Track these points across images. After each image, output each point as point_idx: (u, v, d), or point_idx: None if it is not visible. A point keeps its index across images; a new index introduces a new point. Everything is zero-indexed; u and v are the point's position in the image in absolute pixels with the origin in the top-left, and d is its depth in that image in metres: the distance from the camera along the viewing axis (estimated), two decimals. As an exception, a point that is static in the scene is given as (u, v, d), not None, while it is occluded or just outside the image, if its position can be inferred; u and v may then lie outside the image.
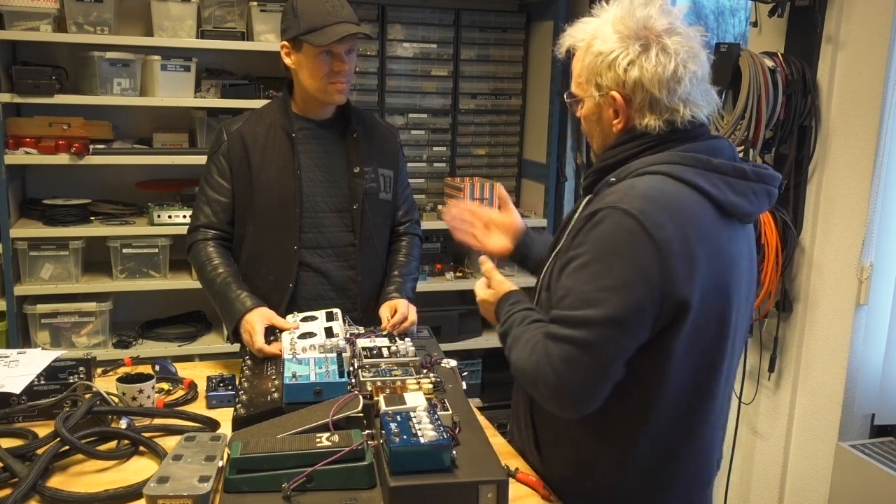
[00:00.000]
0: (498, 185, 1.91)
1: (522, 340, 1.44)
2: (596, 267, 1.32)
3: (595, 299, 1.31)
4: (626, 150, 1.44)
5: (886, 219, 2.40)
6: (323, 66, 2.07)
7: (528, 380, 1.41)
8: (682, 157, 1.39)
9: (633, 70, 1.38)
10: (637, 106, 1.41)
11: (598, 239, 1.33)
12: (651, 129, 1.41)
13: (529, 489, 1.57)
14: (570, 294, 1.35)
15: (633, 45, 1.39)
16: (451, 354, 1.98)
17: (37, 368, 1.83)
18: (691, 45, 1.41)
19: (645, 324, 1.32)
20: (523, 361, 1.42)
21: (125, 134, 3.35)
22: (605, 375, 1.34)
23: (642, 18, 1.40)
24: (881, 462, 2.31)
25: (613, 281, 1.31)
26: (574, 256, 1.37)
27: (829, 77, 2.47)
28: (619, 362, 1.34)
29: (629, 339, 1.33)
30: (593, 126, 1.50)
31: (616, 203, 1.33)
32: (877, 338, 2.46)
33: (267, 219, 2.16)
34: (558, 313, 1.36)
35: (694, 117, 1.41)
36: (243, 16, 3.23)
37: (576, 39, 1.49)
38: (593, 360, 1.32)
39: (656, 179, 1.36)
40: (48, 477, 1.50)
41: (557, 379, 1.33)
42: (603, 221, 1.33)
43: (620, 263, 1.31)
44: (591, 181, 1.51)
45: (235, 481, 1.38)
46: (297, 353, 1.79)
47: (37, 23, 2.96)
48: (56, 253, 3.11)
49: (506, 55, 3.79)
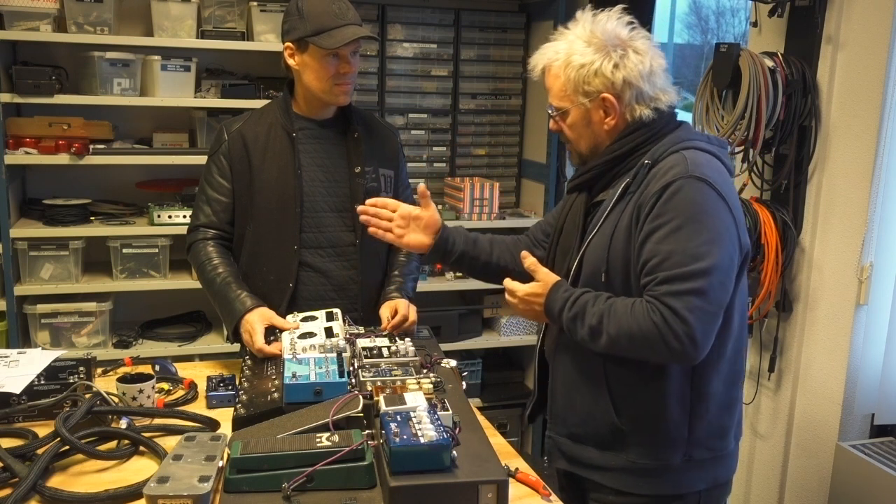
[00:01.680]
0: (420, 185, 1.97)
1: (619, 312, 1.55)
2: (692, 226, 1.52)
3: (701, 253, 1.50)
4: (634, 138, 1.65)
5: (886, 219, 2.40)
6: (329, 67, 2.07)
7: (648, 342, 1.52)
8: (694, 133, 1.67)
9: (619, 72, 1.62)
10: (627, 101, 1.64)
11: (683, 203, 1.53)
12: (645, 117, 1.65)
13: (529, 489, 1.57)
14: (672, 255, 1.51)
15: (612, 52, 1.62)
16: (451, 354, 1.98)
17: (37, 368, 1.83)
18: (651, 44, 1.67)
19: (735, 267, 1.57)
20: (635, 328, 1.52)
21: (125, 134, 3.35)
22: (719, 318, 1.55)
23: (611, 30, 1.64)
24: (881, 462, 2.31)
25: (710, 235, 1.52)
26: (662, 224, 1.53)
27: (829, 77, 2.47)
28: (725, 305, 1.55)
29: (730, 282, 1.55)
30: (582, 131, 1.69)
31: (687, 173, 1.54)
32: (877, 338, 2.46)
33: (267, 218, 2.16)
34: (669, 273, 1.51)
35: (670, 103, 1.68)
36: (243, 16, 3.23)
37: (550, 59, 1.68)
38: (711, 304, 1.51)
39: (693, 153, 1.59)
40: (48, 477, 1.50)
41: (688, 329, 1.48)
42: (682, 189, 1.53)
43: (711, 220, 1.53)
44: (595, 174, 1.71)
45: (235, 481, 1.38)
46: (297, 353, 1.79)
47: (37, 23, 2.96)
48: (56, 253, 3.11)
49: (506, 55, 3.79)
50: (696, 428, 1.65)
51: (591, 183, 1.73)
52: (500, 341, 3.79)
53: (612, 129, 1.67)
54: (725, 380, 1.67)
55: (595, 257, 1.64)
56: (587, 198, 1.74)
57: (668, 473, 1.66)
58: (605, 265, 1.62)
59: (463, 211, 3.55)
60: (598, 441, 1.69)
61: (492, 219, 3.59)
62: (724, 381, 1.66)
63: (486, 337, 3.77)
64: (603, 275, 1.62)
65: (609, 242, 1.62)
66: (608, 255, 1.62)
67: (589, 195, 1.74)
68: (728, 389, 1.68)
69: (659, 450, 1.65)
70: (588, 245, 1.67)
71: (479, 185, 3.55)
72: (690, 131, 1.68)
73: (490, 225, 3.60)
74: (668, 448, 1.65)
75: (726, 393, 1.68)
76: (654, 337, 1.51)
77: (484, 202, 3.56)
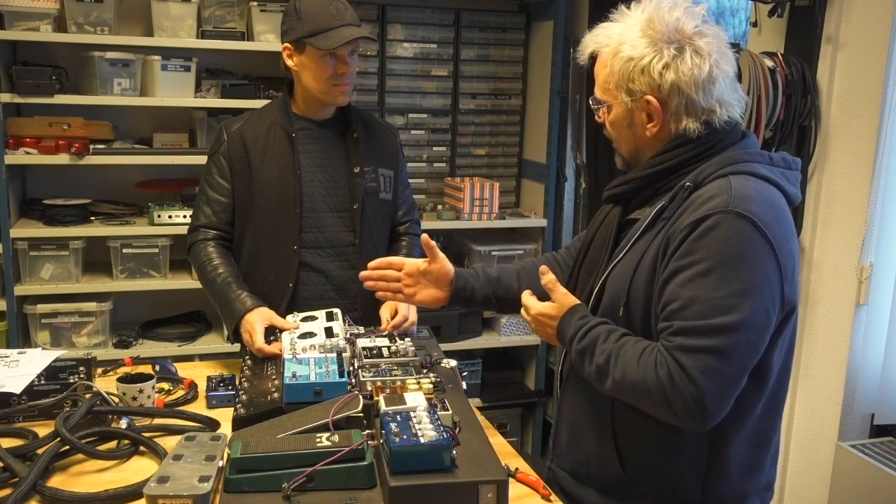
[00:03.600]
0: (423, 235, 1.81)
1: (628, 356, 1.37)
2: (722, 273, 1.30)
3: (727, 305, 1.29)
4: (679, 154, 1.43)
5: (886, 219, 2.40)
6: (327, 68, 2.07)
7: (651, 399, 1.34)
8: (750, 154, 1.41)
9: (668, 73, 1.38)
10: (673, 109, 1.41)
11: (717, 244, 1.31)
12: (690, 132, 1.41)
13: (529, 489, 1.57)
14: (695, 303, 1.31)
15: (666, 49, 1.38)
16: (451, 354, 1.98)
17: (37, 368, 1.83)
18: (721, 45, 1.42)
19: (772, 325, 1.34)
20: (639, 380, 1.34)
21: (125, 134, 3.35)
22: (740, 382, 1.33)
23: (672, 21, 1.39)
24: (881, 462, 2.31)
25: (743, 286, 1.29)
26: (688, 264, 1.33)
27: (829, 77, 2.48)
28: (750, 367, 1.34)
29: (762, 342, 1.33)
30: (623, 131, 1.48)
31: (726, 207, 1.31)
32: (877, 338, 2.47)
33: (267, 219, 2.16)
34: (687, 324, 1.31)
35: (730, 117, 1.42)
36: (243, 16, 3.23)
37: (600, 44, 1.46)
38: (732, 367, 1.31)
39: (744, 179, 1.36)
40: (48, 477, 1.50)
41: (697, 392, 1.29)
42: (717, 227, 1.31)
43: (746, 268, 1.30)
44: (633, 188, 1.49)
45: (235, 481, 1.38)
46: (297, 353, 1.79)
47: (37, 23, 2.96)
48: (56, 253, 3.11)
49: (506, 55, 3.79)
50: (710, 491, 1.45)
51: (629, 197, 1.52)
52: (500, 341, 3.79)
53: (655, 137, 1.44)
54: (752, 442, 1.45)
55: (616, 287, 1.45)
56: (622, 213, 1.53)
57: None
58: (626, 298, 1.43)
59: (463, 211, 3.55)
60: (601, 485, 1.53)
61: (492, 219, 3.59)
62: (750, 444, 1.45)
63: (486, 337, 3.77)
64: (622, 308, 1.44)
65: (633, 273, 1.42)
66: (629, 288, 1.42)
67: (625, 210, 1.53)
68: (754, 453, 1.47)
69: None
70: (611, 271, 1.47)
71: (479, 185, 3.55)
72: (749, 150, 1.42)
73: (490, 225, 3.60)
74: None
75: (752, 456, 1.46)
76: (657, 395, 1.32)
77: (484, 202, 3.56)
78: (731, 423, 1.40)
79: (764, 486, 1.52)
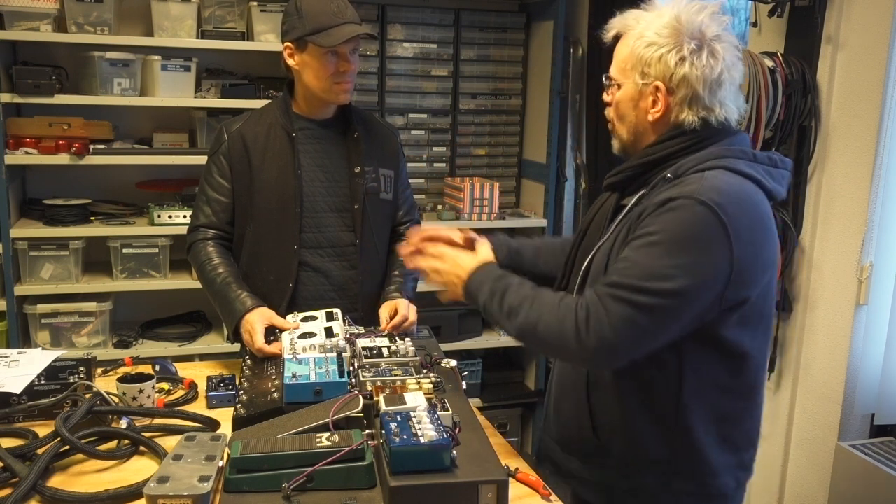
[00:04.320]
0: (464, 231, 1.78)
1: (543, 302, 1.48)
2: (668, 247, 1.39)
3: (664, 274, 1.38)
4: (671, 146, 1.51)
5: (886, 219, 2.40)
6: (329, 66, 2.07)
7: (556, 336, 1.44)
8: (731, 150, 1.49)
9: (682, 66, 1.47)
10: (678, 99, 1.50)
11: (673, 223, 1.40)
12: (687, 124, 1.50)
13: (529, 489, 1.57)
14: (635, 266, 1.41)
15: (687, 44, 1.48)
16: (451, 354, 1.98)
17: (37, 368, 1.83)
18: (735, 54, 1.52)
19: (703, 308, 1.41)
20: (551, 319, 1.45)
21: (125, 134, 3.35)
22: (656, 341, 1.43)
23: (697, 21, 1.49)
24: (881, 462, 2.31)
25: (684, 261, 1.38)
26: (642, 234, 1.42)
27: (829, 77, 2.48)
28: (671, 333, 1.42)
29: (687, 314, 1.41)
30: (627, 110, 1.56)
31: (693, 194, 1.40)
32: (877, 338, 2.47)
33: (267, 218, 2.16)
34: (620, 279, 1.41)
35: (726, 119, 1.51)
36: (243, 16, 3.23)
37: (627, 26, 1.55)
38: (652, 325, 1.40)
39: (720, 174, 1.44)
40: (48, 477, 1.50)
41: (612, 334, 1.39)
42: (679, 209, 1.40)
43: (694, 248, 1.39)
44: (628, 175, 1.58)
45: (235, 481, 1.38)
46: (297, 353, 1.79)
47: (37, 23, 2.95)
48: (56, 253, 3.11)
49: (506, 55, 3.79)
50: (678, 459, 1.52)
51: (624, 185, 1.61)
52: (500, 341, 3.79)
53: (655, 124, 1.53)
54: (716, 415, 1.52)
55: (598, 263, 1.55)
56: (617, 199, 1.63)
57: (646, 497, 1.55)
58: (605, 272, 1.51)
59: (463, 211, 3.55)
60: (582, 451, 1.61)
61: (492, 219, 3.59)
62: (714, 417, 1.52)
63: (486, 337, 3.77)
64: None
65: (610, 250, 1.52)
66: (607, 263, 1.52)
67: (620, 197, 1.63)
68: (720, 427, 1.53)
69: (636, 469, 1.54)
70: (597, 251, 1.57)
71: (479, 185, 3.55)
72: (734, 147, 1.50)
73: (490, 225, 3.60)
74: (645, 469, 1.54)
75: (718, 430, 1.53)
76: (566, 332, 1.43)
77: (484, 202, 3.56)
78: (690, 390, 1.48)
79: (737, 465, 1.58)
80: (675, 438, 1.51)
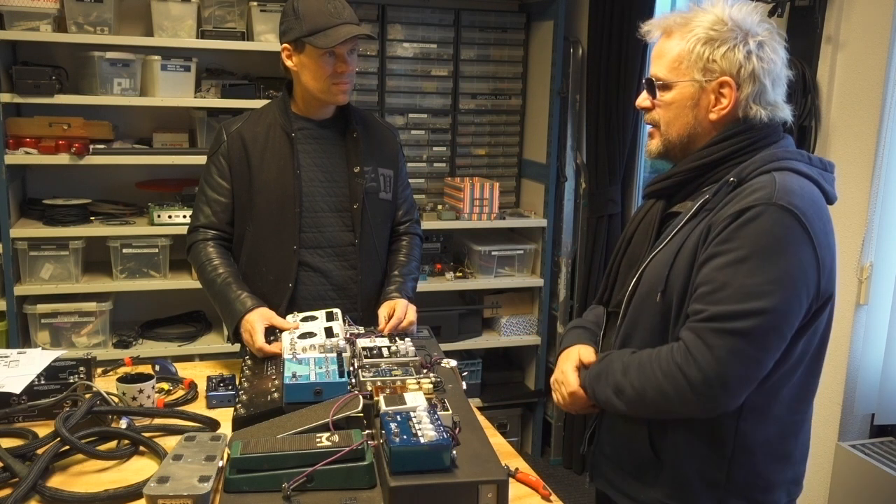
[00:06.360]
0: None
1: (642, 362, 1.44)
2: (758, 261, 1.35)
3: (760, 292, 1.34)
4: (730, 145, 1.46)
5: (886, 219, 2.40)
6: (326, 67, 2.07)
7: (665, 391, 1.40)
8: (791, 152, 1.46)
9: (750, 61, 1.44)
10: (746, 95, 1.46)
11: (756, 233, 1.35)
12: (758, 120, 1.46)
13: (529, 489, 1.57)
14: (727, 287, 1.36)
15: (751, 39, 1.45)
16: (451, 354, 1.98)
17: (37, 368, 1.83)
18: (785, 54, 1.52)
19: (801, 315, 1.39)
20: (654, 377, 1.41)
21: (125, 134, 3.35)
22: (765, 367, 1.38)
23: (752, 19, 1.48)
24: (881, 462, 2.31)
25: (777, 274, 1.34)
26: (726, 251, 1.37)
27: (829, 77, 2.48)
28: (777, 352, 1.39)
29: (789, 331, 1.38)
30: (681, 112, 1.50)
31: (769, 199, 1.36)
32: (877, 338, 2.47)
33: (266, 219, 2.16)
34: (719, 309, 1.36)
35: (784, 118, 1.50)
36: (243, 16, 3.23)
37: (673, 24, 1.50)
38: (759, 351, 1.36)
39: (787, 175, 1.40)
40: (48, 477, 1.50)
41: (721, 370, 1.35)
42: (759, 217, 1.35)
43: (783, 258, 1.35)
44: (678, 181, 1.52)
45: (235, 481, 1.38)
46: (297, 353, 1.79)
47: (37, 23, 2.96)
48: (56, 253, 3.11)
49: (506, 55, 3.79)
50: (735, 476, 1.47)
51: (672, 191, 1.55)
52: (500, 341, 3.79)
53: (717, 122, 1.48)
54: (779, 429, 1.48)
55: (655, 274, 1.48)
56: (664, 206, 1.56)
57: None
58: (664, 285, 1.45)
59: (463, 211, 3.55)
60: (634, 470, 1.57)
61: (492, 219, 3.59)
62: (777, 431, 1.48)
63: (486, 337, 3.77)
64: (659, 295, 1.46)
65: (672, 260, 1.45)
66: (668, 274, 1.45)
67: (667, 204, 1.57)
68: (781, 441, 1.49)
69: (690, 491, 1.49)
70: (651, 260, 1.50)
71: (479, 185, 3.55)
72: (789, 148, 1.48)
73: (490, 225, 3.60)
74: (700, 491, 1.48)
75: (779, 445, 1.49)
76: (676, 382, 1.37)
77: (484, 202, 3.56)
78: (757, 406, 1.43)
79: (791, 480, 1.53)
80: (735, 458, 1.47)
